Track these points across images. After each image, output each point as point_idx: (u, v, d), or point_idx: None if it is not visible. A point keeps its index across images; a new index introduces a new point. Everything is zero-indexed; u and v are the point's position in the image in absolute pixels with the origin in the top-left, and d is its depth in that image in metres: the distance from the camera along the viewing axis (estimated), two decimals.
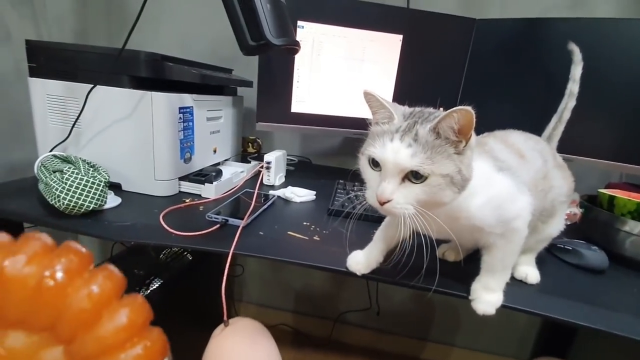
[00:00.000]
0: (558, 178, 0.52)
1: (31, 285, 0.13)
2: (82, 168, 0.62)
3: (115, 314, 0.14)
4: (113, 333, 0.14)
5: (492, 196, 0.41)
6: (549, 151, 0.53)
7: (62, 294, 0.14)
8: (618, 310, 0.48)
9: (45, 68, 0.72)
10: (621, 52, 0.78)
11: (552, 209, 0.52)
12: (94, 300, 0.14)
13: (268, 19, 0.46)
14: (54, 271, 0.14)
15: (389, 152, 0.35)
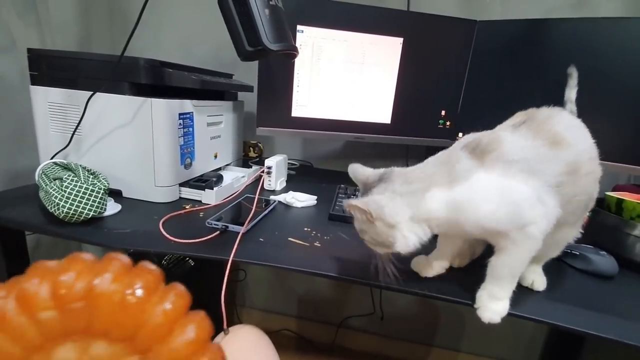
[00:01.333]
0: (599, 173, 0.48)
1: (116, 301, 0.15)
2: (82, 175, 0.62)
3: (185, 328, 0.16)
4: (183, 346, 0.16)
5: (504, 202, 0.41)
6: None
7: (142, 309, 0.16)
8: (629, 318, 0.47)
9: (46, 76, 0.73)
10: (627, 51, 0.77)
11: (587, 206, 0.48)
12: (167, 316, 0.16)
13: (265, 24, 0.45)
14: (135, 289, 0.16)
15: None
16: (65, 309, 0.15)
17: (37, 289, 0.15)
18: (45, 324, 0.15)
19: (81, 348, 0.16)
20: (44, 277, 0.15)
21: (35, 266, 0.16)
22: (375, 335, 1.37)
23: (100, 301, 0.15)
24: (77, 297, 0.15)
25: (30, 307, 0.15)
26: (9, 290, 0.15)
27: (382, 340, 1.37)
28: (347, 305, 1.37)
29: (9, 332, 0.14)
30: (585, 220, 0.75)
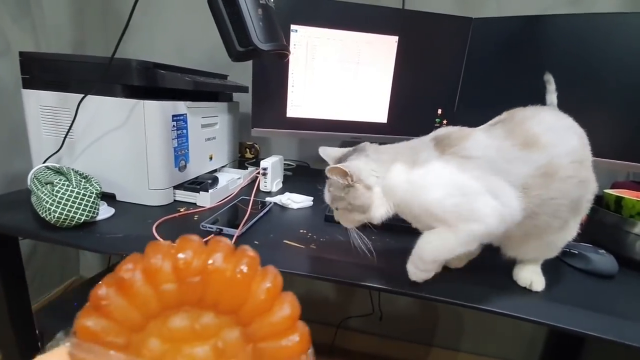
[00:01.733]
0: (591, 172, 0.47)
1: (227, 277, 0.17)
2: (74, 179, 0.61)
3: (282, 305, 0.18)
4: (281, 321, 0.18)
5: (451, 192, 0.43)
6: (586, 140, 0.47)
7: (247, 286, 0.18)
8: (630, 318, 0.46)
9: (38, 79, 0.72)
10: (625, 47, 0.76)
11: (578, 206, 0.47)
12: (269, 293, 0.18)
13: (255, 24, 0.45)
14: (242, 268, 0.18)
15: (325, 196, 0.51)
16: (183, 282, 0.17)
17: (161, 264, 0.17)
18: (165, 295, 0.17)
19: (192, 317, 0.18)
20: (165, 254, 0.17)
21: (154, 245, 0.18)
22: (374, 335, 1.36)
23: (214, 276, 0.17)
24: (194, 272, 0.17)
25: (154, 279, 0.17)
26: (135, 264, 0.17)
27: (381, 340, 1.36)
28: (346, 306, 1.36)
29: (135, 300, 0.17)
30: (584, 219, 0.75)
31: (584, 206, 0.49)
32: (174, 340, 0.17)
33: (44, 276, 1.31)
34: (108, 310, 0.16)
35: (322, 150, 0.54)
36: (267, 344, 0.18)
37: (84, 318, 0.16)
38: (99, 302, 0.16)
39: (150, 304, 0.17)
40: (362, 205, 0.46)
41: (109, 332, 0.16)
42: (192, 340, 0.18)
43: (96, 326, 0.16)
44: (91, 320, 0.16)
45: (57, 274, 1.39)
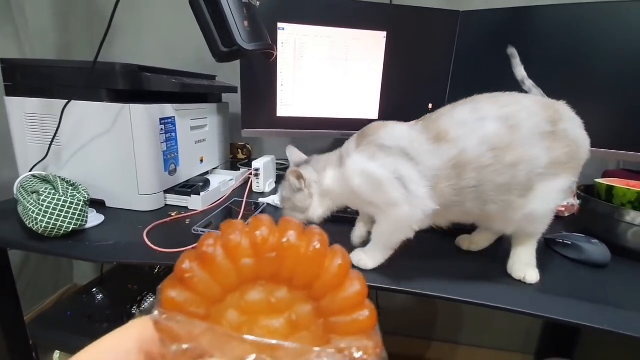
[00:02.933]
0: (539, 149, 0.46)
1: (301, 253, 0.18)
2: (61, 187, 0.60)
3: (353, 281, 0.19)
4: (352, 296, 0.18)
5: (366, 179, 0.49)
6: (527, 115, 0.46)
7: (320, 262, 0.18)
8: (623, 307, 0.46)
9: (21, 86, 0.71)
10: (614, 36, 0.76)
11: (528, 182, 0.46)
12: (341, 269, 0.18)
13: (238, 24, 0.44)
14: (315, 245, 0.18)
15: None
16: (261, 258, 0.18)
17: (241, 240, 0.18)
18: (243, 269, 0.18)
19: (268, 291, 0.19)
20: (242, 231, 0.18)
21: (230, 224, 0.19)
22: None
23: (289, 252, 0.18)
24: (271, 248, 0.18)
25: (234, 254, 0.18)
26: (215, 240, 0.18)
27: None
28: None
29: (216, 274, 0.18)
30: (576, 209, 0.75)
31: (540, 180, 0.47)
32: (251, 312, 0.18)
33: (37, 285, 1.30)
34: (192, 282, 0.17)
35: (289, 150, 0.60)
36: (339, 318, 0.18)
37: (169, 289, 0.17)
38: (184, 274, 0.17)
39: (229, 278, 0.18)
40: (302, 207, 0.55)
41: (191, 303, 0.17)
42: (268, 313, 0.18)
43: (180, 297, 0.17)
44: (176, 292, 0.17)
45: (51, 282, 1.38)
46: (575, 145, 0.47)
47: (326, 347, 0.17)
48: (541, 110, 0.47)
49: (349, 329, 0.18)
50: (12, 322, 0.71)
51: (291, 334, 0.18)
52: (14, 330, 0.72)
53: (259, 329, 0.18)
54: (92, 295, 0.96)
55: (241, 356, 0.16)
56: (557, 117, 0.47)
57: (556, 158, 0.46)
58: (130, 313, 0.87)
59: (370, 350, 0.18)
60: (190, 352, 0.16)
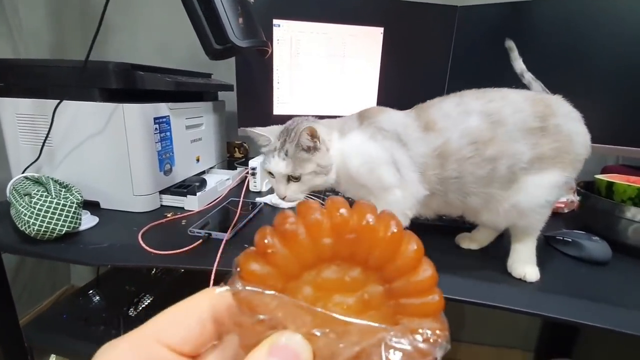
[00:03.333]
0: (522, 143, 0.46)
1: (379, 235, 0.18)
2: (53, 189, 0.59)
3: (426, 266, 0.19)
4: (425, 280, 0.19)
5: (367, 160, 0.50)
6: (512, 110, 0.47)
7: (397, 245, 0.18)
8: (624, 305, 0.46)
9: (13, 87, 0.69)
10: (613, 31, 0.75)
11: (511, 176, 0.47)
12: (416, 254, 0.19)
13: (232, 21, 0.43)
14: (392, 228, 0.18)
15: (273, 166, 0.51)
16: (341, 238, 0.18)
17: (322, 219, 0.18)
18: (322, 248, 0.18)
19: (342, 271, 0.19)
20: (322, 212, 0.19)
21: (307, 205, 0.19)
22: None
23: (367, 235, 0.18)
24: (351, 229, 0.18)
25: (315, 233, 0.18)
26: (296, 219, 0.18)
27: None
28: None
29: (296, 251, 0.18)
30: (576, 205, 0.75)
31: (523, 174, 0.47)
32: (326, 290, 0.19)
33: (34, 287, 1.29)
34: (273, 257, 0.18)
35: (252, 130, 0.55)
36: (409, 300, 0.19)
37: (251, 262, 0.18)
38: (266, 249, 0.18)
39: (308, 255, 0.18)
40: (327, 165, 0.51)
41: (270, 277, 0.18)
42: (342, 291, 0.19)
43: (261, 270, 0.18)
44: (257, 265, 0.18)
45: (48, 284, 1.37)
46: (567, 140, 0.47)
47: (396, 327, 0.18)
48: (529, 106, 0.47)
49: (419, 311, 0.19)
50: (6, 326, 0.71)
51: (362, 312, 0.19)
52: (9, 334, 0.71)
53: (333, 305, 0.19)
54: (89, 297, 0.95)
55: (313, 329, 0.17)
56: (547, 112, 0.47)
57: (542, 153, 0.46)
58: (127, 314, 0.87)
59: (438, 331, 0.18)
60: (267, 322, 0.17)
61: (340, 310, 0.19)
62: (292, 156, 0.50)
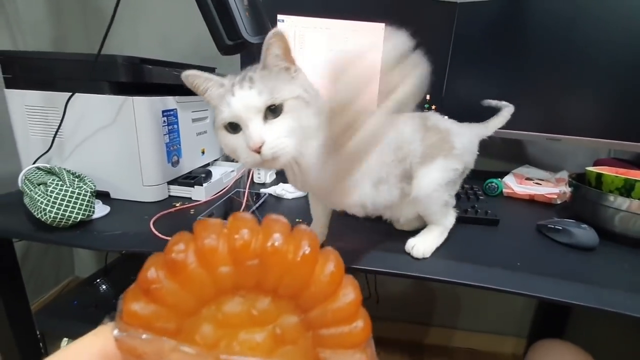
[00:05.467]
0: (416, 143, 0.52)
1: (288, 260, 0.16)
2: (67, 179, 0.61)
3: (346, 290, 0.16)
4: (345, 307, 0.16)
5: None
6: (405, 120, 0.53)
7: (310, 269, 0.16)
8: (609, 287, 0.49)
9: (21, 79, 0.71)
10: (607, 27, 0.78)
11: (411, 171, 0.53)
12: (333, 278, 0.16)
13: (243, 18, 0.45)
14: (304, 250, 0.16)
15: (237, 104, 0.36)
16: (241, 265, 0.16)
17: (217, 245, 0.16)
18: (220, 278, 0.16)
19: (248, 302, 0.17)
20: (219, 234, 0.16)
21: (204, 223, 0.16)
22: (372, 318, 1.40)
23: (274, 259, 0.16)
24: (252, 255, 0.16)
25: (209, 262, 0.15)
26: (187, 244, 0.16)
27: (379, 322, 1.40)
28: None
29: (188, 284, 0.15)
30: (568, 196, 0.78)
31: (417, 168, 0.54)
32: (229, 326, 0.16)
33: (38, 278, 1.30)
34: (159, 294, 0.15)
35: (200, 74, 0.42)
36: (330, 331, 0.16)
37: (132, 302, 0.15)
38: (149, 285, 0.15)
39: (204, 288, 0.16)
40: (317, 93, 0.41)
41: (158, 317, 0.15)
42: (249, 326, 0.16)
43: (145, 310, 0.15)
44: (139, 305, 0.15)
45: (52, 276, 1.38)
46: (446, 132, 0.55)
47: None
48: (416, 118, 0.55)
49: (341, 342, 0.16)
50: (18, 313, 0.73)
51: (275, 349, 0.16)
52: (21, 321, 0.74)
53: (239, 344, 0.16)
54: (96, 286, 0.97)
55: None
56: (425, 119, 0.55)
57: (430, 144, 0.53)
58: None
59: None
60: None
61: (247, 349, 0.16)
62: (262, 80, 0.37)
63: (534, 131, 0.89)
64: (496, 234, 0.65)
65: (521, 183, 0.87)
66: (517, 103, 0.68)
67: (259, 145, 0.35)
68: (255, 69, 0.38)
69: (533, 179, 0.90)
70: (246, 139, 0.36)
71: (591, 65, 0.81)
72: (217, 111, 0.39)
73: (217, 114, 0.39)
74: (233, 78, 0.39)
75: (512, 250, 0.59)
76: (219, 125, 0.39)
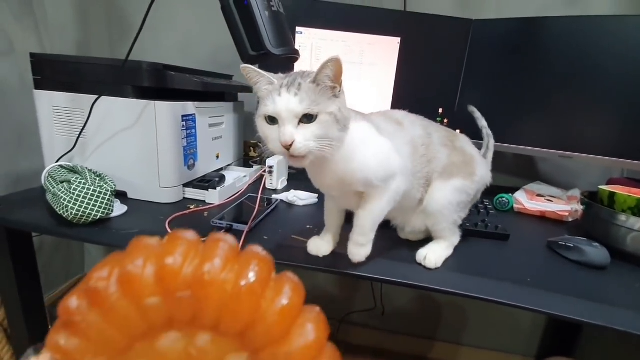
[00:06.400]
0: (443, 154, 0.57)
1: (227, 292, 0.13)
2: (89, 178, 0.63)
3: (303, 329, 0.14)
4: (302, 350, 0.13)
5: (376, 151, 0.49)
6: (436, 129, 0.59)
7: (255, 304, 0.14)
8: (620, 306, 0.49)
9: (50, 80, 0.74)
10: (619, 48, 0.79)
11: (429, 180, 0.57)
12: (285, 315, 0.14)
13: (268, 30, 0.47)
14: (248, 279, 0.13)
15: (281, 104, 0.41)
16: (170, 296, 0.13)
17: (142, 272, 0.13)
18: (149, 311, 0.13)
19: (186, 338, 0.14)
20: (148, 257, 0.14)
21: (137, 243, 0.14)
22: (376, 330, 1.39)
23: (210, 291, 0.13)
24: (184, 285, 0.13)
25: (133, 292, 0.13)
26: (112, 268, 0.14)
27: (384, 335, 1.39)
28: (349, 301, 1.39)
29: (112, 316, 0.13)
30: (580, 214, 0.78)
31: (435, 180, 0.58)
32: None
33: (49, 274, 1.33)
34: (80, 327, 0.13)
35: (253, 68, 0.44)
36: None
37: (55, 333, 0.13)
38: (70, 317, 0.13)
39: (130, 322, 0.13)
40: (348, 118, 0.45)
41: (85, 353, 0.13)
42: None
43: (69, 345, 0.13)
44: (63, 338, 0.13)
45: (63, 272, 1.41)
46: (470, 157, 0.59)
47: None
48: (444, 131, 0.60)
49: None
50: (32, 304, 0.75)
51: None
52: (35, 313, 0.76)
53: None
54: None
55: None
56: (454, 138, 0.60)
57: (452, 162, 0.57)
58: None
59: None
60: None
61: None
62: (309, 91, 0.42)
63: (546, 148, 0.90)
64: (506, 249, 0.65)
65: (532, 199, 0.87)
66: (530, 119, 0.69)
67: (289, 143, 0.41)
68: (305, 77, 0.43)
69: (544, 195, 0.90)
70: (280, 134, 0.42)
71: (605, 83, 0.81)
72: (262, 103, 0.44)
73: (261, 105, 0.44)
74: (282, 79, 0.44)
75: (522, 265, 0.59)
76: (261, 114, 0.44)
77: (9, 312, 0.75)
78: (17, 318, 0.73)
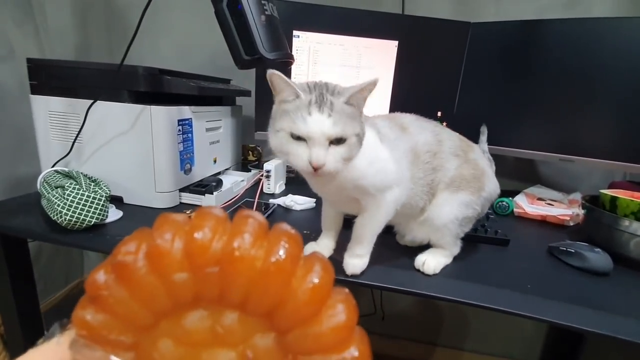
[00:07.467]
0: (452, 164, 0.55)
1: (257, 268, 0.13)
2: (84, 183, 0.63)
3: (334, 310, 0.13)
4: (332, 331, 0.13)
5: (375, 160, 0.47)
6: (449, 137, 0.57)
7: (286, 282, 0.13)
8: (624, 314, 0.48)
9: (46, 85, 0.74)
10: (619, 51, 0.78)
11: (434, 188, 0.55)
12: (316, 293, 0.13)
13: (261, 34, 0.46)
14: (279, 256, 0.13)
15: (313, 125, 0.40)
16: (198, 272, 0.13)
17: (170, 247, 0.13)
18: (177, 287, 0.13)
19: (213, 316, 0.14)
20: (177, 232, 0.13)
21: (164, 219, 0.14)
22: (376, 335, 1.38)
23: (239, 267, 0.13)
24: (213, 260, 0.13)
25: (161, 267, 0.13)
26: (139, 243, 0.13)
27: (384, 340, 1.37)
28: None
29: (139, 292, 0.13)
30: (581, 219, 0.77)
31: (440, 190, 0.56)
32: (191, 344, 0.14)
33: (48, 279, 1.33)
34: (108, 302, 0.13)
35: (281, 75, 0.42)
36: (313, 359, 0.13)
37: (81, 309, 0.13)
38: (97, 291, 0.13)
39: (157, 298, 0.13)
40: (364, 134, 0.44)
41: (111, 329, 0.13)
42: (213, 346, 0.14)
43: (95, 321, 0.13)
44: (89, 313, 0.13)
45: (62, 277, 1.41)
46: (481, 172, 0.57)
47: None
48: (457, 139, 0.58)
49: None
50: (28, 311, 0.74)
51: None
52: (31, 319, 0.75)
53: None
54: None
55: None
56: (468, 149, 0.58)
57: (462, 175, 0.55)
58: None
59: None
60: None
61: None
62: (342, 112, 0.40)
63: (547, 151, 0.89)
64: (506, 254, 0.64)
65: (533, 203, 0.86)
66: (530, 122, 0.68)
67: (320, 166, 0.40)
68: (337, 95, 0.42)
69: (545, 199, 0.89)
70: (311, 156, 0.40)
71: (605, 86, 0.80)
72: (286, 116, 0.41)
73: (285, 119, 0.41)
74: (308, 93, 0.42)
75: (522, 271, 0.58)
76: (286, 130, 0.41)
77: (4, 318, 0.74)
78: (13, 324, 0.72)
